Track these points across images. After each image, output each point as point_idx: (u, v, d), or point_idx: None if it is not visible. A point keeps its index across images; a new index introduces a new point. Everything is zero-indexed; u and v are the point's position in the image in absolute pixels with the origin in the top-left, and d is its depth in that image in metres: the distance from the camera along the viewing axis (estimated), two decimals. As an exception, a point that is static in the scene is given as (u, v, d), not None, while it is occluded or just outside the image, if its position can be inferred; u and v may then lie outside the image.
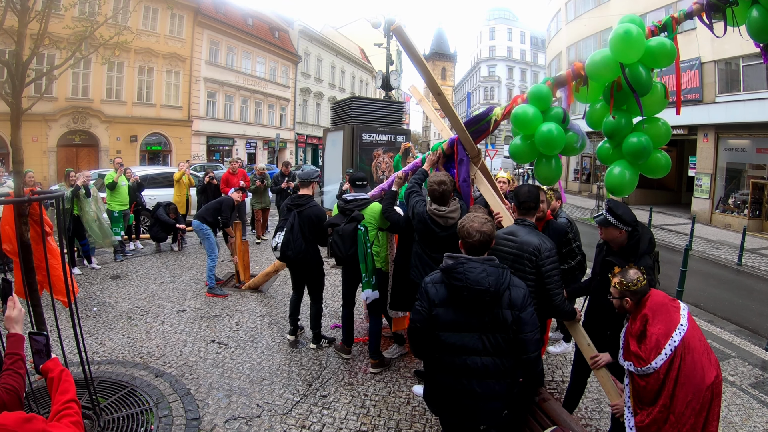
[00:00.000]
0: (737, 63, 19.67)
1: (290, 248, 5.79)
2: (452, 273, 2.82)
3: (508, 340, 2.84)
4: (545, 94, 4.40)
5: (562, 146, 4.38)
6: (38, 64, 20.26)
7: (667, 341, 2.95)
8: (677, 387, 2.89)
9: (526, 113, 4.35)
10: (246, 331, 6.46)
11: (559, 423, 2.77)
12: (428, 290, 2.91)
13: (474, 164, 4.88)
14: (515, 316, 2.82)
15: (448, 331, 2.84)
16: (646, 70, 3.91)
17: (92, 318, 6.66)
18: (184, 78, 31.00)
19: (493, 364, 2.86)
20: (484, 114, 4.92)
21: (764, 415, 4.98)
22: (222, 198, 8.71)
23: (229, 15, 34.99)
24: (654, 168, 4.33)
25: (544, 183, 4.79)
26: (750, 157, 20.41)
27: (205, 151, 33.25)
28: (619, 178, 4.28)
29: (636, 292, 3.16)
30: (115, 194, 9.84)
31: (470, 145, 4.81)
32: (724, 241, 16.85)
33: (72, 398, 2.07)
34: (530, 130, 4.38)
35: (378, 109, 11.67)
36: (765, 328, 7.47)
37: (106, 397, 4.53)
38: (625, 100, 4.14)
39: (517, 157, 4.80)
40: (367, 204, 5.40)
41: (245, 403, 4.64)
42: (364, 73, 56.41)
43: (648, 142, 4.09)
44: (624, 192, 4.37)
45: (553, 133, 4.21)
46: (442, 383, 2.94)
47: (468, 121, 4.96)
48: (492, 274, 2.81)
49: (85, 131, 25.87)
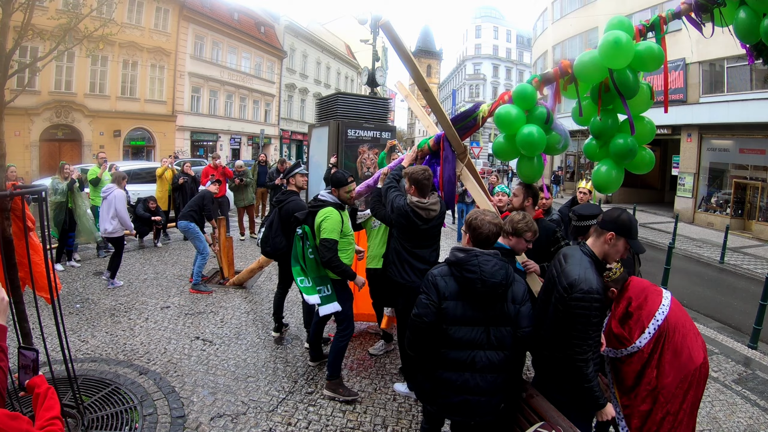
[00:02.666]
0: (721, 64, 19.90)
1: (268, 244, 5.85)
2: (466, 265, 2.82)
3: (511, 334, 2.90)
4: (530, 94, 4.39)
5: (543, 148, 4.40)
6: (21, 56, 19.98)
7: (651, 321, 3.05)
8: (664, 365, 2.98)
9: (509, 114, 4.34)
10: (230, 327, 6.41)
11: (546, 419, 2.78)
12: (438, 283, 2.87)
13: (460, 161, 4.86)
14: (516, 310, 2.88)
15: (457, 325, 2.84)
16: (634, 74, 3.93)
17: (75, 315, 6.57)
18: (169, 72, 30.68)
19: (496, 358, 2.90)
20: (471, 110, 4.90)
21: (747, 411, 5.05)
22: (201, 192, 8.65)
23: (215, 9, 34.66)
24: (639, 165, 4.39)
25: (526, 180, 4.80)
26: (733, 158, 20.68)
27: (189, 146, 32.93)
28: (606, 176, 4.36)
29: (617, 280, 3.23)
30: (98, 189, 9.70)
31: (457, 142, 4.79)
32: (706, 240, 17.06)
33: (56, 415, 2.04)
34: (513, 130, 4.39)
35: (363, 105, 11.62)
36: (747, 325, 7.56)
37: (90, 396, 4.47)
38: (611, 100, 4.15)
39: (500, 155, 4.80)
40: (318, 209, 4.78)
41: (230, 401, 4.60)
42: (349, 70, 56.22)
43: (634, 143, 4.14)
44: (610, 189, 4.47)
45: (534, 136, 4.22)
46: (446, 380, 2.92)
47: (455, 117, 4.94)
48: (502, 267, 2.85)
49: (68, 126, 25.49)
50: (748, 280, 11.86)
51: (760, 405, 5.21)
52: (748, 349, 6.82)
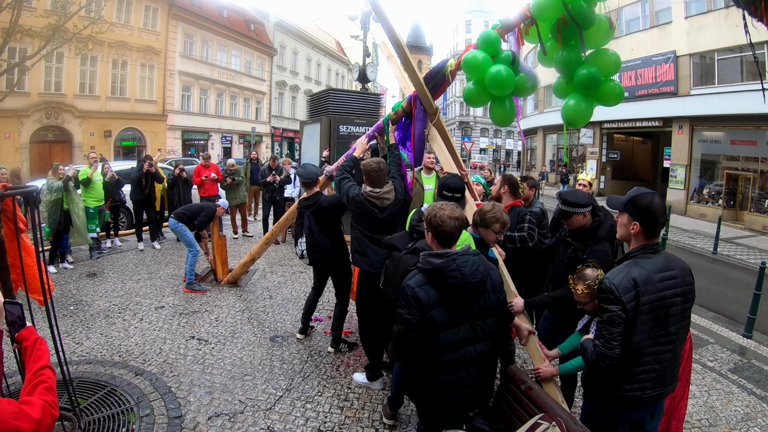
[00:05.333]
0: (712, 56, 20.01)
1: (317, 251, 5.61)
2: (445, 272, 2.72)
3: (495, 322, 2.91)
4: (494, 39, 4.63)
5: (512, 86, 4.58)
6: (10, 58, 19.87)
7: None
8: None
9: (476, 58, 4.58)
10: (226, 326, 6.38)
11: (546, 410, 2.77)
12: (418, 295, 2.73)
13: (430, 121, 5.11)
14: (498, 300, 2.91)
15: (446, 330, 2.79)
16: (588, 3, 4.08)
17: (69, 317, 6.52)
18: (159, 72, 30.53)
19: (485, 349, 2.91)
20: (439, 67, 5.14)
21: (744, 399, 5.08)
22: (206, 204, 8.63)
23: (204, 7, 34.48)
24: (608, 96, 4.55)
25: (499, 124, 5.03)
26: (724, 149, 20.81)
27: (180, 145, 32.81)
28: (575, 109, 4.55)
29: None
30: (90, 190, 9.61)
31: (428, 102, 5.04)
32: (699, 231, 17.15)
33: (45, 365, 2.06)
34: (481, 74, 4.57)
35: (355, 101, 11.61)
36: (741, 314, 7.60)
37: (86, 398, 4.43)
38: (572, 35, 4.31)
39: (471, 101, 4.95)
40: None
41: (227, 400, 4.58)
42: (340, 66, 56.07)
43: (597, 72, 4.33)
44: (579, 122, 4.66)
45: (502, 74, 4.42)
46: (442, 382, 2.88)
47: (426, 76, 5.15)
48: (480, 263, 2.81)
49: (59, 127, 25.37)
50: (741, 270, 11.94)
51: (756, 393, 5.23)
52: (743, 339, 6.85)
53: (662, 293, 2.66)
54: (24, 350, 2.17)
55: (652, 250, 2.75)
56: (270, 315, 6.85)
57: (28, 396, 1.89)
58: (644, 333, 2.64)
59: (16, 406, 1.75)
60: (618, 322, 2.59)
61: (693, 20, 20.57)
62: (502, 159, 65.99)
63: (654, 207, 2.72)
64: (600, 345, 2.63)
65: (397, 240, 3.95)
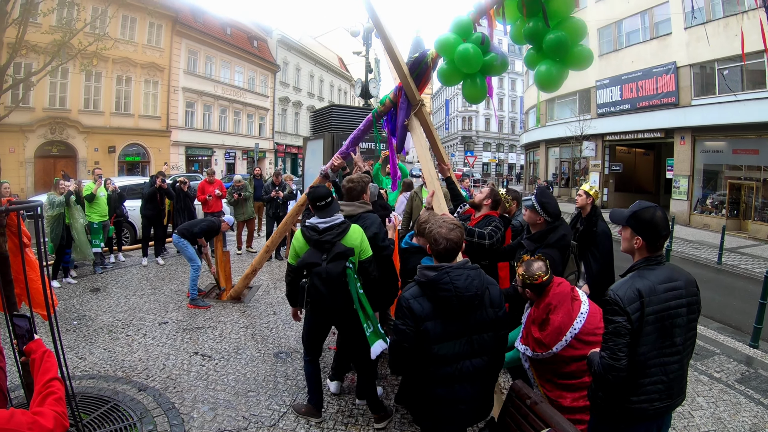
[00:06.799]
0: (712, 66, 20.03)
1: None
2: (438, 284, 2.76)
3: (493, 337, 2.91)
4: (465, 22, 5.01)
5: (480, 63, 4.90)
6: (15, 73, 20.05)
7: (569, 329, 3.15)
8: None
9: (448, 39, 4.97)
10: (229, 342, 6.36)
11: (552, 425, 2.75)
12: (412, 306, 2.79)
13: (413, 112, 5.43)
14: (496, 315, 2.89)
15: (440, 343, 2.79)
16: None
17: (72, 332, 6.51)
18: (163, 88, 30.74)
19: (481, 364, 2.90)
20: (421, 57, 5.43)
21: (752, 410, 5.03)
22: (212, 219, 8.61)
23: (207, 24, 34.84)
24: (578, 60, 4.76)
25: (471, 101, 5.31)
26: (726, 159, 20.77)
27: (184, 161, 32.95)
28: (547, 74, 4.76)
29: (535, 287, 3.33)
30: (94, 205, 9.65)
31: (412, 94, 5.36)
32: (703, 241, 17.09)
33: (54, 376, 2.09)
34: (452, 54, 4.92)
35: (358, 117, 11.64)
36: (747, 324, 7.55)
37: (89, 413, 4.42)
38: (537, 9, 4.60)
39: (445, 80, 5.26)
40: (346, 230, 4.11)
41: (231, 416, 4.55)
42: (342, 82, 56.44)
43: (564, 36, 4.54)
44: (552, 86, 4.88)
45: (469, 51, 4.78)
46: (439, 396, 2.88)
47: (410, 67, 5.45)
48: (475, 278, 2.82)
49: (63, 142, 25.53)
50: (746, 279, 11.88)
51: (764, 404, 5.18)
52: (750, 349, 6.81)
53: (667, 304, 2.66)
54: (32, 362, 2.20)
55: (656, 262, 2.76)
56: (274, 331, 6.83)
57: (39, 407, 1.92)
58: (650, 344, 2.64)
59: (30, 417, 1.79)
60: (624, 333, 2.58)
61: (692, 31, 20.63)
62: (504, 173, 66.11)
63: (656, 221, 2.73)
64: (606, 356, 2.62)
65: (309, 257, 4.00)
